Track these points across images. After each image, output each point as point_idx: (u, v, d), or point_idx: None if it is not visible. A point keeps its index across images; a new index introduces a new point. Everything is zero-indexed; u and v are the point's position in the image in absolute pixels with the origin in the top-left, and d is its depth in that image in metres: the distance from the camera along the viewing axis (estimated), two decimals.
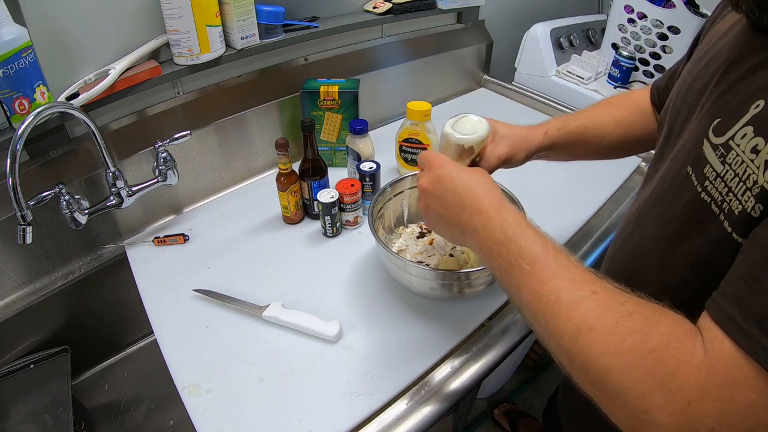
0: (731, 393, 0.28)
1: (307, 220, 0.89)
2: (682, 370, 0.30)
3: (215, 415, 0.57)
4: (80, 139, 0.76)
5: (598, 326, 0.33)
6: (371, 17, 1.05)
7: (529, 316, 0.40)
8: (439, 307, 0.71)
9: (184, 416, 0.57)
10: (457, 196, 0.47)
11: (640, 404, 0.31)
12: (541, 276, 0.38)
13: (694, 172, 0.39)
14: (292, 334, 0.67)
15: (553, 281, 0.37)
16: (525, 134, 0.61)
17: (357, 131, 0.89)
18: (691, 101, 0.43)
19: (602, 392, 0.33)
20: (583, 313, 0.34)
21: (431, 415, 0.58)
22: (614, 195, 0.95)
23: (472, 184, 0.47)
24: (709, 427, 0.29)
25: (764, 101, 0.33)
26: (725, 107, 0.37)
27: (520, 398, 1.46)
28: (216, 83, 0.89)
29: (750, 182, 0.32)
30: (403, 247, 0.79)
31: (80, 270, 0.81)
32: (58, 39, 0.68)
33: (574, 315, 0.35)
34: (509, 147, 0.59)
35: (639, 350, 0.31)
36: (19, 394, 0.71)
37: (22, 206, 0.60)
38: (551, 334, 0.37)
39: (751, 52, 0.36)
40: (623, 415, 0.32)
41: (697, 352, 0.30)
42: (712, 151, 0.36)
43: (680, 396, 0.29)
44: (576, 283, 0.36)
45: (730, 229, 0.34)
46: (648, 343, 0.31)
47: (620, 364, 0.32)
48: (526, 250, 0.40)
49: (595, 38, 1.45)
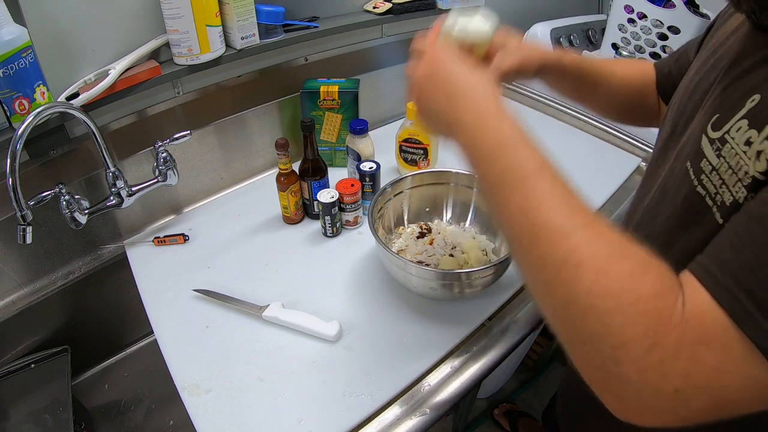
0: (701, 352, 0.28)
1: (307, 220, 0.89)
2: (662, 325, 0.28)
3: (215, 415, 0.57)
4: (80, 139, 0.76)
5: (587, 261, 0.31)
6: (371, 17, 1.05)
7: (510, 236, 0.36)
8: (439, 307, 0.71)
9: (184, 416, 0.57)
10: (450, 87, 0.42)
11: (614, 354, 0.29)
12: (532, 195, 0.34)
13: (692, 167, 0.39)
14: (292, 334, 0.67)
15: (545, 203, 0.33)
16: (539, 49, 0.57)
17: (357, 131, 0.89)
18: (697, 99, 0.43)
19: (577, 334, 0.31)
20: (574, 244, 0.31)
21: (431, 415, 0.58)
22: (614, 195, 0.95)
23: (468, 77, 0.42)
24: (674, 387, 0.28)
25: (760, 95, 0.33)
26: (724, 103, 0.37)
27: (520, 398, 1.46)
28: (216, 83, 0.89)
29: (742, 173, 0.32)
30: (403, 247, 0.78)
31: (80, 270, 0.81)
32: (58, 39, 0.68)
33: (563, 244, 0.32)
34: (521, 58, 0.54)
35: (626, 296, 0.29)
36: (19, 394, 0.71)
37: (22, 206, 0.60)
38: (532, 261, 0.34)
39: (753, 51, 0.37)
40: (592, 364, 0.31)
41: (678, 308, 0.29)
42: (709, 145, 0.37)
43: (656, 352, 0.28)
44: (570, 210, 0.33)
45: (721, 221, 0.34)
46: (636, 290, 0.29)
47: (604, 307, 0.29)
48: (521, 164, 0.36)
49: (595, 38, 1.44)
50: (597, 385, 0.31)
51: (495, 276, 0.66)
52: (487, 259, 0.75)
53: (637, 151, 1.06)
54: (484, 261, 0.74)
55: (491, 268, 0.63)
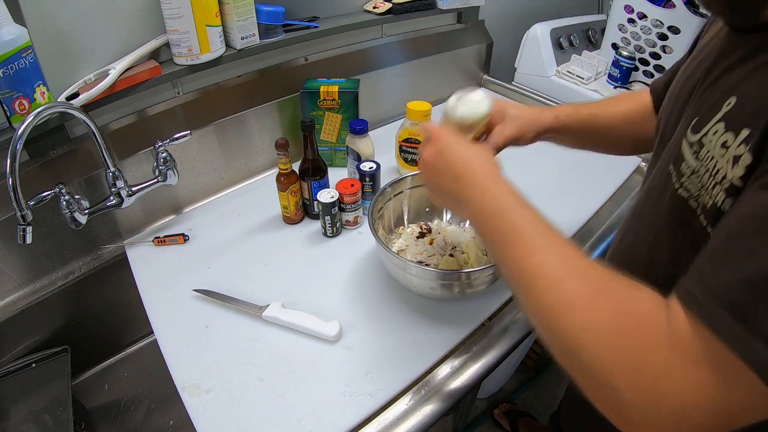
0: (693, 371, 0.29)
1: (307, 220, 0.89)
2: (650, 349, 0.30)
3: (215, 415, 0.57)
4: (80, 139, 0.76)
5: (576, 302, 0.34)
6: (371, 17, 1.05)
7: (515, 289, 0.41)
8: (439, 307, 0.71)
9: (184, 416, 0.57)
10: (455, 168, 0.48)
11: (609, 380, 0.31)
12: (527, 251, 0.39)
13: (674, 170, 0.40)
14: (292, 334, 0.67)
15: (537, 257, 0.38)
16: (535, 116, 0.62)
17: (357, 131, 0.89)
18: (682, 102, 0.44)
19: (578, 368, 0.34)
20: (564, 289, 0.35)
21: (431, 415, 0.58)
22: (614, 195, 0.95)
23: (470, 157, 0.48)
24: (671, 406, 0.29)
25: (735, 98, 0.34)
26: (703, 105, 0.38)
27: (520, 398, 1.46)
28: (216, 83, 0.89)
29: (719, 177, 0.33)
30: (403, 247, 0.78)
31: (80, 270, 0.81)
32: (58, 39, 0.68)
33: (555, 290, 0.36)
34: (518, 127, 0.60)
35: (612, 327, 0.32)
36: (19, 394, 0.71)
37: (22, 206, 0.60)
38: (534, 308, 0.38)
39: (730, 51, 0.37)
40: (596, 392, 0.33)
41: (665, 331, 0.31)
42: (688, 148, 0.38)
43: (647, 374, 0.30)
44: (560, 259, 0.37)
45: (705, 223, 0.35)
46: (621, 321, 0.32)
47: (594, 340, 0.32)
48: (516, 225, 0.41)
49: (595, 38, 1.45)
50: (601, 407, 0.33)
51: (495, 276, 0.66)
52: (486, 259, 0.74)
53: None
54: (484, 261, 0.74)
55: (491, 268, 0.63)
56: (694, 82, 0.42)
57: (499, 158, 0.51)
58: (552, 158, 1.00)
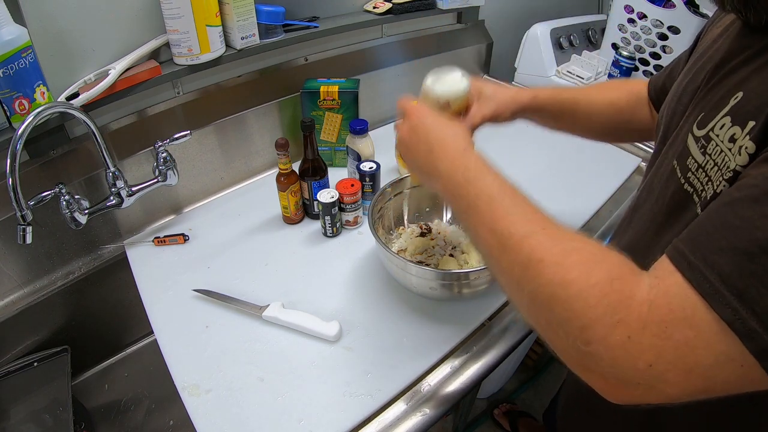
0: (671, 329, 0.29)
1: (307, 220, 0.89)
2: (623, 305, 0.30)
3: (215, 415, 0.57)
4: (80, 139, 0.76)
5: (546, 257, 0.34)
6: (371, 17, 1.05)
7: (484, 253, 0.41)
8: (439, 307, 0.71)
9: (184, 416, 0.57)
10: (428, 143, 0.49)
11: (581, 335, 0.31)
12: (496, 214, 0.39)
13: (678, 165, 0.40)
14: (292, 334, 0.67)
15: (507, 218, 0.39)
16: (512, 95, 0.63)
17: (357, 131, 0.89)
18: (685, 101, 0.45)
19: (547, 322, 0.34)
20: (533, 246, 0.36)
21: (431, 415, 0.58)
22: (614, 195, 0.95)
23: (443, 131, 0.49)
24: (647, 362, 0.29)
25: (743, 92, 0.34)
26: (710, 102, 0.38)
27: (520, 398, 1.46)
28: (216, 83, 0.89)
29: (725, 169, 0.34)
30: (403, 247, 0.78)
31: (80, 270, 0.81)
32: (58, 39, 0.68)
33: (524, 247, 0.36)
34: (495, 106, 0.60)
35: (583, 282, 0.32)
36: (19, 394, 0.71)
37: (22, 206, 0.60)
38: (503, 268, 0.38)
39: (739, 51, 0.38)
40: (566, 347, 0.33)
41: (642, 289, 0.31)
42: (694, 143, 0.38)
43: (620, 329, 0.30)
44: (528, 220, 0.38)
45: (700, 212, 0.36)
46: (592, 276, 0.32)
47: (565, 294, 0.32)
48: (484, 191, 0.41)
49: (595, 38, 1.45)
50: (576, 366, 0.33)
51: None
52: None
53: (637, 151, 1.06)
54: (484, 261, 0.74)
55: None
56: (698, 82, 0.43)
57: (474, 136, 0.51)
58: (552, 158, 1.00)
